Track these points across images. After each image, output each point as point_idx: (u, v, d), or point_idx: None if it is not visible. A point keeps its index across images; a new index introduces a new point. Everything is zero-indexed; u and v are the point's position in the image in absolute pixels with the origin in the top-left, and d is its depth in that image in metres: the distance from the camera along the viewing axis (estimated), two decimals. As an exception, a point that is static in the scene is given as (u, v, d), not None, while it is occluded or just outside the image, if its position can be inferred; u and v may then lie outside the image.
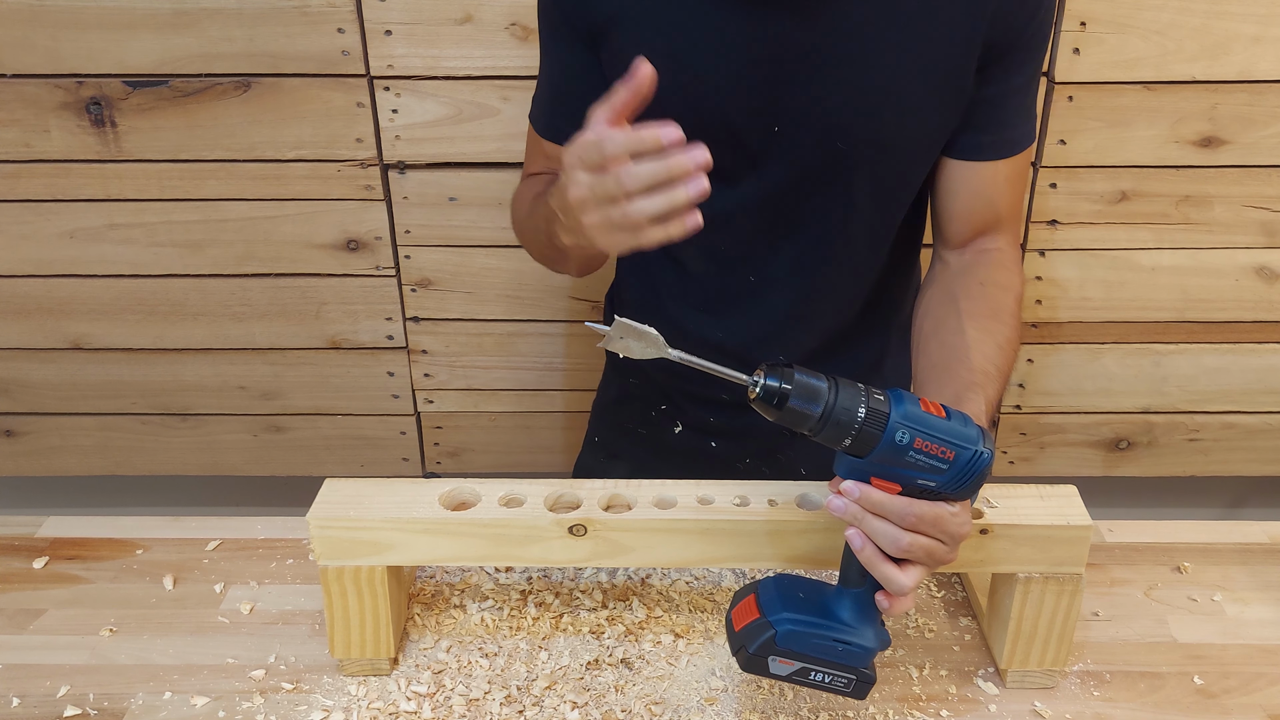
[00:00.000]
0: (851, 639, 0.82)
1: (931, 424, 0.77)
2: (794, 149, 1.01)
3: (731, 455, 1.23)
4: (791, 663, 0.82)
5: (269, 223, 1.63)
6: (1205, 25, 1.48)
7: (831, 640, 0.82)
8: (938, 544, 0.80)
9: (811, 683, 0.83)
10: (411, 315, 1.72)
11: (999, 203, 1.07)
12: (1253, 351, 1.71)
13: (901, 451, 0.77)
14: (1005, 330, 1.02)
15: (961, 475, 0.78)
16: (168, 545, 1.10)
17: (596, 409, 1.36)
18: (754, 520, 0.88)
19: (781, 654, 0.82)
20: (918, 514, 0.78)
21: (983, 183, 1.06)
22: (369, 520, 0.88)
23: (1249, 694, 0.92)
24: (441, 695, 0.91)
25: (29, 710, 0.91)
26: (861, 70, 0.97)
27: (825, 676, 0.83)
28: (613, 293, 1.29)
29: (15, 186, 1.61)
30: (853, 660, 0.83)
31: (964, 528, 0.81)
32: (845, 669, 0.83)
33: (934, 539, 0.79)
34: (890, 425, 0.77)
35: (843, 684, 0.83)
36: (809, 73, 0.98)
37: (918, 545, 0.79)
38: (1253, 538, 1.11)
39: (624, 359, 1.25)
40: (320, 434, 1.82)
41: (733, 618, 0.85)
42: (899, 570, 0.80)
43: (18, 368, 1.76)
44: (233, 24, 1.50)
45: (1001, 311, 1.03)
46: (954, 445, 0.77)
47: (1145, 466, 1.82)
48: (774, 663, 0.82)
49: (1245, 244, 1.63)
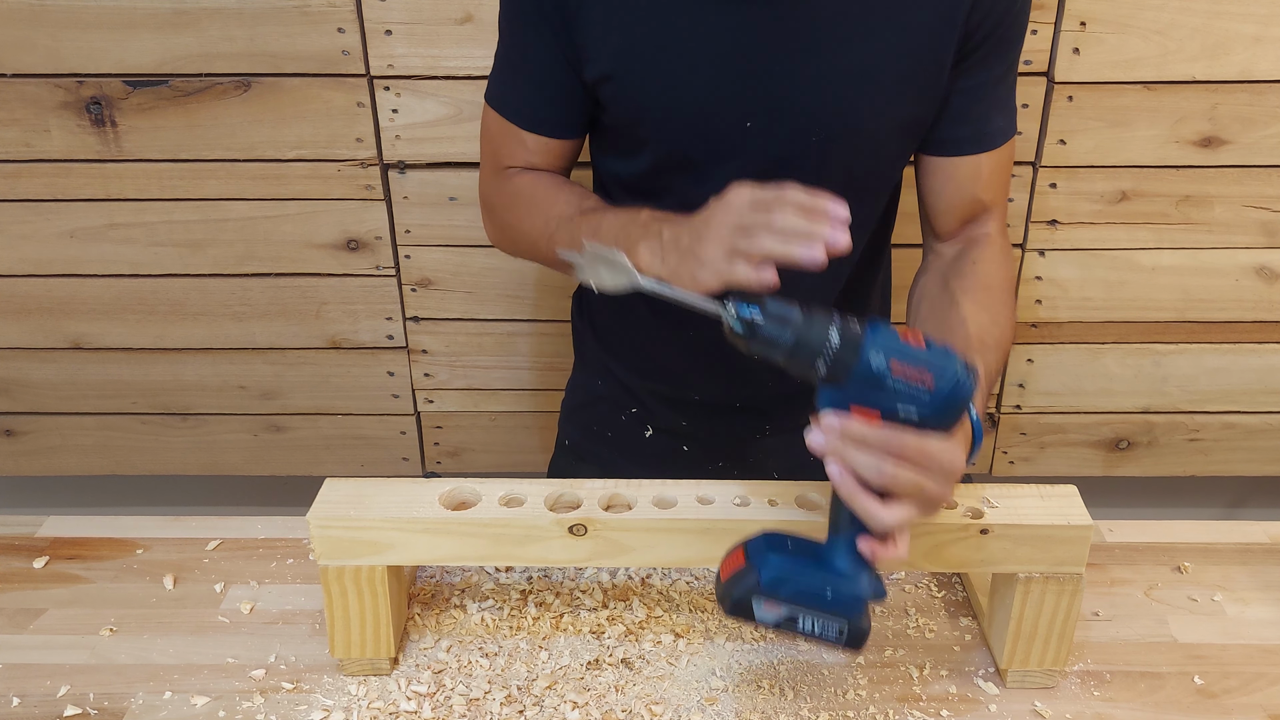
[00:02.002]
0: (841, 586, 0.79)
1: (909, 350, 0.76)
2: (768, 141, 1.00)
3: (703, 458, 1.22)
4: (777, 607, 0.80)
5: (269, 222, 1.63)
6: (1205, 25, 1.48)
7: (819, 585, 0.79)
8: (925, 479, 0.76)
9: (801, 631, 0.80)
10: (411, 315, 1.72)
11: (984, 194, 1.07)
12: (1253, 351, 1.71)
13: (879, 378, 0.75)
14: (999, 305, 1.02)
15: (944, 404, 0.76)
16: (168, 545, 1.10)
17: (565, 411, 1.34)
18: (754, 520, 0.88)
19: (767, 597, 0.79)
20: (901, 442, 0.75)
21: (967, 177, 1.06)
22: (369, 520, 0.88)
23: (1249, 694, 0.92)
24: (442, 695, 0.91)
25: (29, 710, 0.91)
26: (837, 62, 0.97)
27: (815, 624, 0.80)
28: (579, 295, 1.28)
29: (15, 186, 1.61)
30: (843, 608, 0.80)
31: (955, 462, 0.77)
32: (835, 616, 0.80)
33: (921, 472, 0.76)
34: (865, 348, 0.75)
35: (834, 633, 0.80)
36: (783, 64, 0.98)
37: (902, 477, 0.76)
38: (1253, 538, 1.11)
39: (595, 358, 1.25)
40: (320, 434, 1.82)
41: (720, 570, 0.83)
42: (882, 505, 0.77)
43: (18, 368, 1.76)
44: (233, 24, 1.50)
45: (994, 288, 1.03)
46: (934, 371, 0.75)
47: (1145, 466, 1.82)
48: (759, 607, 0.80)
49: (1245, 244, 1.63)
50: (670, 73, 0.99)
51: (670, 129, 1.02)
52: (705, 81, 0.99)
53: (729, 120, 1.00)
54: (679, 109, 1.00)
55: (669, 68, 0.99)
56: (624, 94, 1.02)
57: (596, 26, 1.00)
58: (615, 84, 1.02)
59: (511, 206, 1.12)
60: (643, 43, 0.99)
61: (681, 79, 0.99)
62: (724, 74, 0.98)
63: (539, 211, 1.07)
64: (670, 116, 1.01)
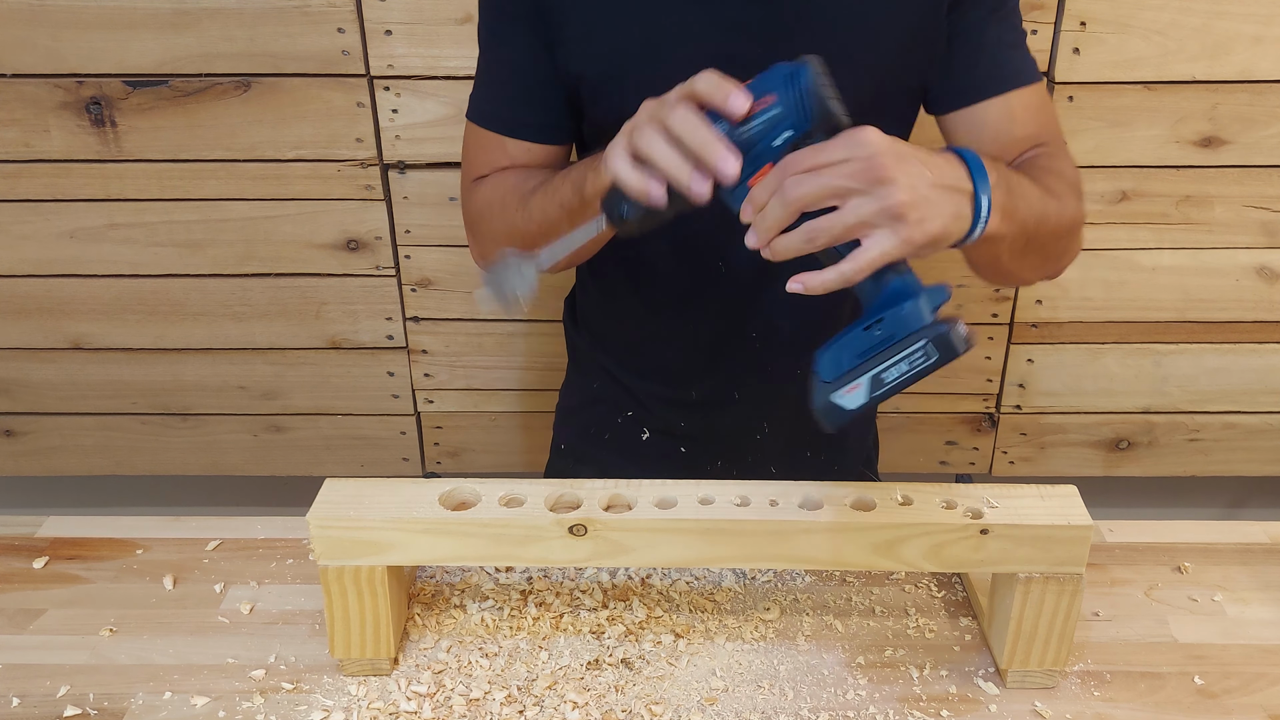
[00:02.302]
0: (894, 320, 0.72)
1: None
2: None
3: (700, 459, 1.22)
4: (856, 384, 0.73)
5: (269, 223, 1.63)
6: (1206, 25, 1.48)
7: (872, 336, 0.72)
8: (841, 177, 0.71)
9: (899, 382, 0.72)
10: (411, 315, 1.72)
11: (1023, 131, 1.01)
12: (1253, 351, 1.71)
13: (734, 135, 0.74)
14: (1050, 178, 0.94)
15: (798, 102, 0.73)
16: (168, 545, 1.10)
17: (561, 414, 1.33)
18: (755, 520, 0.88)
19: (837, 385, 0.73)
20: (793, 162, 0.72)
21: (998, 120, 1.01)
22: (369, 520, 0.88)
23: (1249, 694, 0.92)
24: (442, 695, 0.91)
25: (29, 710, 0.90)
26: (828, 42, 0.96)
27: (899, 367, 0.72)
28: (571, 298, 1.28)
29: (15, 186, 1.61)
30: (907, 326, 0.72)
31: (866, 143, 0.71)
32: (908, 341, 0.71)
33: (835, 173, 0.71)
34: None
35: (922, 357, 0.72)
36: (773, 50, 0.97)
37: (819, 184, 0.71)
38: (1253, 538, 1.11)
39: (589, 360, 1.25)
40: (320, 434, 1.82)
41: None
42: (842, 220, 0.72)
43: (18, 368, 1.76)
44: (233, 24, 1.50)
45: (1036, 164, 0.96)
46: (767, 90, 0.73)
47: (1146, 466, 1.82)
48: (843, 399, 0.73)
49: (1246, 244, 1.63)
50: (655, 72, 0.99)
51: None
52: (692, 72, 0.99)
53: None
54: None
55: (654, 67, 0.99)
56: (606, 95, 1.02)
57: (576, 27, 0.99)
58: (597, 85, 1.01)
59: (484, 210, 1.08)
60: (626, 42, 0.99)
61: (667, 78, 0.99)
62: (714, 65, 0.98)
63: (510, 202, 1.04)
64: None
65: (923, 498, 0.89)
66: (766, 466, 1.21)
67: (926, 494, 0.90)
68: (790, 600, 1.01)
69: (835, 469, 1.23)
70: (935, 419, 1.80)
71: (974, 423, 1.80)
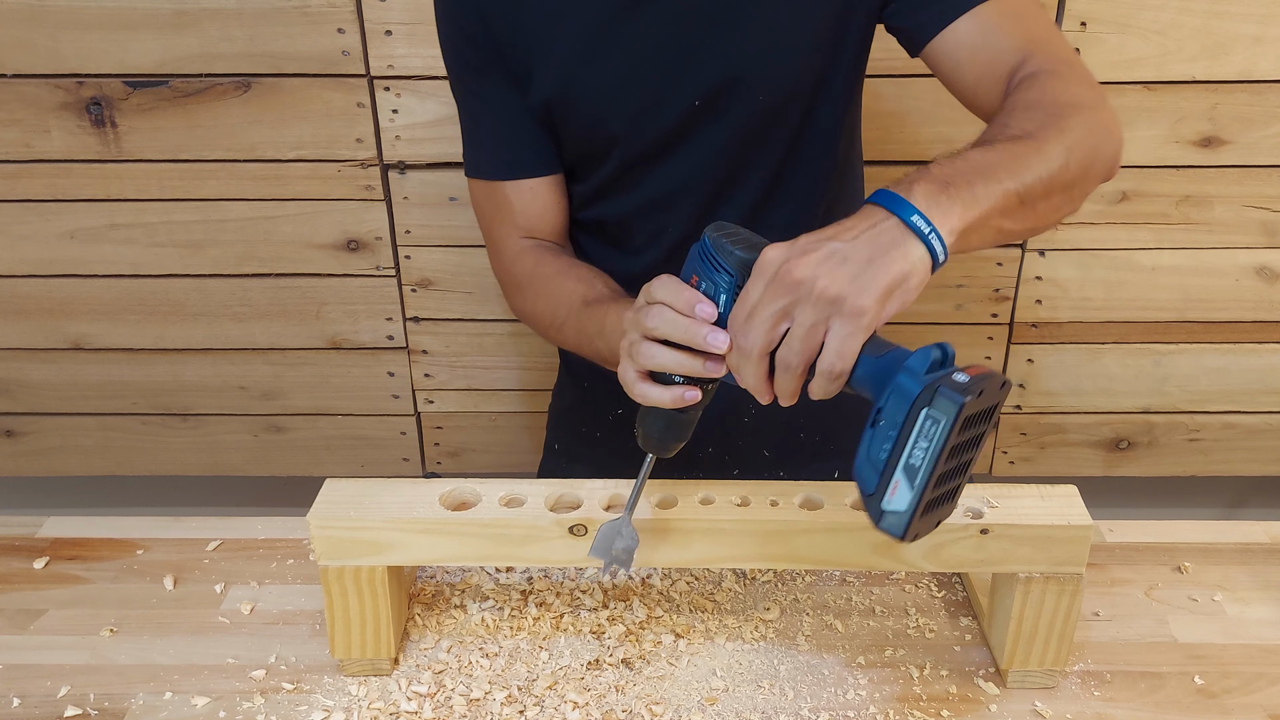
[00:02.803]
0: (883, 403, 0.70)
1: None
2: (720, 115, 1.02)
3: (693, 447, 1.22)
4: (894, 485, 0.69)
5: (269, 223, 1.64)
6: (1205, 25, 1.48)
7: (874, 429, 0.70)
8: (769, 306, 0.72)
9: (933, 457, 0.68)
10: (412, 315, 1.72)
11: (1008, 45, 0.94)
12: (1253, 351, 1.71)
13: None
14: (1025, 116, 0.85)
15: (712, 271, 0.77)
16: (168, 545, 1.10)
17: (553, 414, 1.35)
18: (755, 520, 0.88)
19: (879, 494, 0.70)
20: (733, 323, 0.74)
21: (978, 34, 0.95)
22: (369, 520, 0.88)
23: (1250, 694, 0.92)
24: (442, 695, 0.91)
25: (29, 710, 0.91)
26: (765, 19, 0.98)
27: (920, 447, 0.69)
28: None
29: (15, 186, 1.61)
30: (902, 407, 0.69)
31: (768, 268, 0.72)
32: (911, 421, 0.68)
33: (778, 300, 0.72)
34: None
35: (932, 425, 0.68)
36: (715, 36, 0.99)
37: (756, 327, 0.73)
38: (1253, 538, 1.11)
39: (579, 360, 1.25)
40: (320, 434, 1.82)
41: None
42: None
43: (18, 368, 1.76)
44: (233, 24, 1.50)
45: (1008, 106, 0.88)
46: (689, 270, 0.80)
47: (1146, 466, 1.82)
48: (891, 504, 0.70)
49: (1246, 244, 1.63)
50: (614, 75, 1.01)
51: (624, 129, 1.04)
52: (643, 74, 1.01)
53: (678, 105, 1.01)
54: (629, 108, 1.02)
55: (612, 71, 1.01)
56: (575, 108, 1.04)
57: (531, 52, 1.02)
58: (564, 101, 1.04)
59: (521, 289, 1.12)
60: (582, 53, 1.01)
61: (627, 77, 1.01)
62: (661, 62, 1.00)
63: (546, 298, 1.08)
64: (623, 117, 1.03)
65: (923, 498, 0.89)
66: (759, 450, 1.21)
67: (927, 494, 0.90)
68: (790, 600, 1.01)
69: (831, 448, 1.23)
70: (935, 419, 1.80)
71: (974, 423, 1.80)
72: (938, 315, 1.70)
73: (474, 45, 1.04)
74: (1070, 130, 0.84)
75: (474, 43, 1.04)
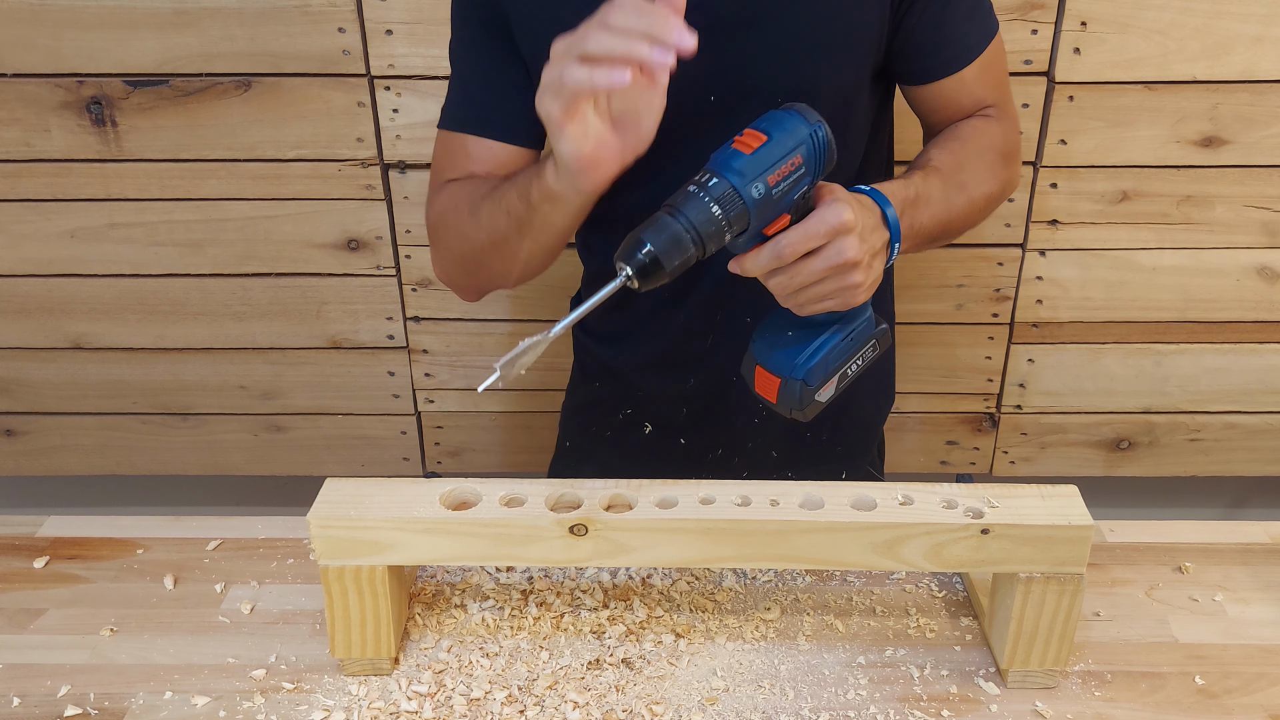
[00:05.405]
0: (853, 323, 0.88)
1: (765, 155, 0.78)
2: (734, 113, 1.01)
3: (702, 449, 1.23)
4: (830, 383, 0.88)
5: (269, 222, 1.63)
6: (1206, 25, 1.48)
7: (840, 341, 0.87)
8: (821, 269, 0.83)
9: (855, 376, 0.90)
10: (412, 315, 1.72)
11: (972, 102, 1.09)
12: (1254, 351, 1.71)
13: (769, 196, 0.79)
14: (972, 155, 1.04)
15: (818, 162, 0.81)
16: (168, 545, 1.10)
17: (565, 413, 1.35)
18: (755, 520, 0.88)
19: (819, 386, 0.87)
20: (789, 249, 0.82)
21: (952, 92, 1.08)
22: (369, 520, 0.88)
23: (1250, 694, 0.92)
24: (442, 695, 0.91)
25: (29, 710, 0.90)
26: (786, 26, 0.98)
27: (856, 364, 0.89)
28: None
29: (16, 186, 1.61)
30: (868, 332, 0.89)
31: (838, 233, 0.82)
32: (865, 345, 0.89)
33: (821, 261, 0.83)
34: (742, 192, 0.78)
35: (872, 352, 0.90)
36: (735, 37, 0.99)
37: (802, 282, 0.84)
38: (1254, 538, 1.11)
39: (592, 359, 1.26)
40: (321, 434, 1.82)
41: (761, 395, 0.90)
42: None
43: (18, 367, 1.76)
44: (233, 23, 1.50)
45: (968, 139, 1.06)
46: (793, 149, 0.79)
47: (1146, 466, 1.82)
48: (821, 395, 0.88)
49: (1246, 244, 1.63)
50: None
51: None
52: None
53: (693, 97, 1.00)
54: None
55: None
56: None
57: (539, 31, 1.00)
58: None
59: (439, 220, 1.07)
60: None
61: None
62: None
63: (462, 209, 1.03)
64: None
65: (923, 497, 0.89)
66: (768, 451, 1.21)
67: (927, 494, 0.90)
68: (791, 600, 1.01)
69: (838, 449, 1.24)
70: (936, 419, 1.80)
71: (975, 423, 1.80)
72: (938, 315, 1.70)
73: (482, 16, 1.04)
74: (1000, 181, 1.07)
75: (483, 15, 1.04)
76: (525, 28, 1.02)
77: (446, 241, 1.08)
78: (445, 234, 1.08)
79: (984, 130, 1.07)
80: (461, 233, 1.05)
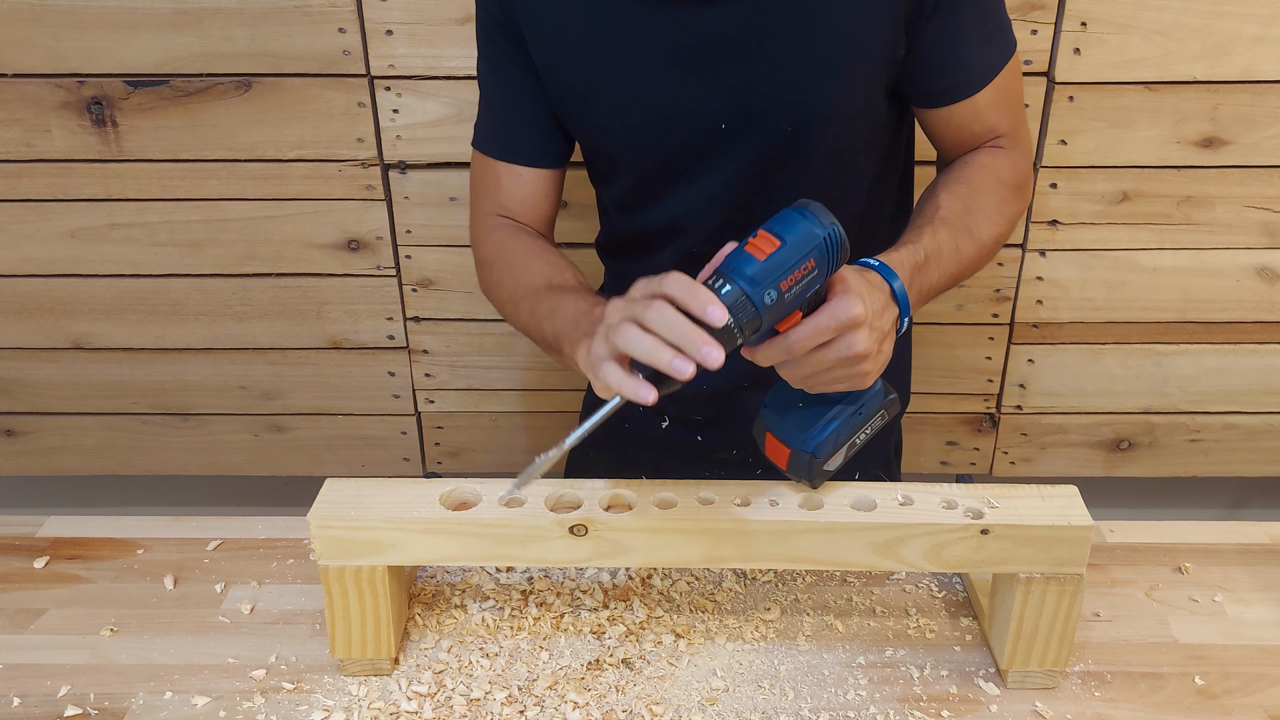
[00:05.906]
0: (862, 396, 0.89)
1: (778, 262, 0.78)
2: (746, 139, 1.01)
3: (718, 446, 1.23)
4: (839, 454, 0.89)
5: (270, 223, 1.64)
6: (1207, 25, 1.48)
7: (850, 415, 0.89)
8: (831, 361, 0.83)
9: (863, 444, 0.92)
10: (412, 315, 1.72)
11: (983, 127, 1.07)
12: (1254, 352, 1.71)
13: (782, 300, 0.79)
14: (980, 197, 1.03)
15: (830, 263, 0.81)
16: (168, 545, 1.10)
17: (586, 406, 1.36)
18: (755, 520, 0.88)
19: (827, 458, 0.89)
20: (799, 344, 0.82)
21: (964, 118, 1.06)
22: (370, 520, 0.88)
23: (1250, 694, 0.92)
24: (442, 695, 0.91)
25: (29, 710, 0.91)
26: (796, 49, 0.98)
27: (866, 434, 0.91)
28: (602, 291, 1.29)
29: (16, 186, 1.61)
30: (877, 403, 0.90)
31: (848, 328, 0.82)
32: (874, 416, 0.91)
33: (831, 351, 0.83)
34: (755, 300, 0.78)
35: (880, 421, 0.92)
36: (744, 62, 0.98)
37: (811, 372, 0.85)
38: (1254, 538, 1.11)
39: None
40: (321, 434, 1.82)
41: (771, 459, 0.92)
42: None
43: (18, 367, 1.76)
44: (234, 23, 1.50)
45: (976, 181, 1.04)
46: (807, 254, 0.79)
47: (1146, 467, 1.82)
48: (829, 465, 0.90)
49: (1246, 244, 1.63)
50: (630, 85, 1.00)
51: (642, 140, 1.04)
52: (670, 88, 1.00)
53: (703, 124, 1.01)
54: (647, 120, 1.02)
55: (628, 80, 1.00)
56: (586, 111, 1.04)
57: (549, 45, 1.02)
58: (576, 102, 1.04)
59: (488, 263, 1.13)
60: (597, 58, 1.01)
61: (644, 89, 1.00)
62: (690, 79, 0.99)
63: (509, 274, 1.09)
64: (638, 128, 1.03)
65: (923, 498, 0.90)
66: None
67: (927, 494, 0.90)
68: (790, 600, 1.01)
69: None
70: (936, 419, 1.80)
71: (975, 423, 1.80)
72: (938, 315, 1.70)
73: (501, 30, 1.05)
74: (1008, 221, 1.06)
75: (501, 28, 1.05)
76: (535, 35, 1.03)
77: (493, 294, 1.15)
78: (491, 288, 1.15)
79: (992, 167, 1.06)
80: (502, 300, 1.12)
